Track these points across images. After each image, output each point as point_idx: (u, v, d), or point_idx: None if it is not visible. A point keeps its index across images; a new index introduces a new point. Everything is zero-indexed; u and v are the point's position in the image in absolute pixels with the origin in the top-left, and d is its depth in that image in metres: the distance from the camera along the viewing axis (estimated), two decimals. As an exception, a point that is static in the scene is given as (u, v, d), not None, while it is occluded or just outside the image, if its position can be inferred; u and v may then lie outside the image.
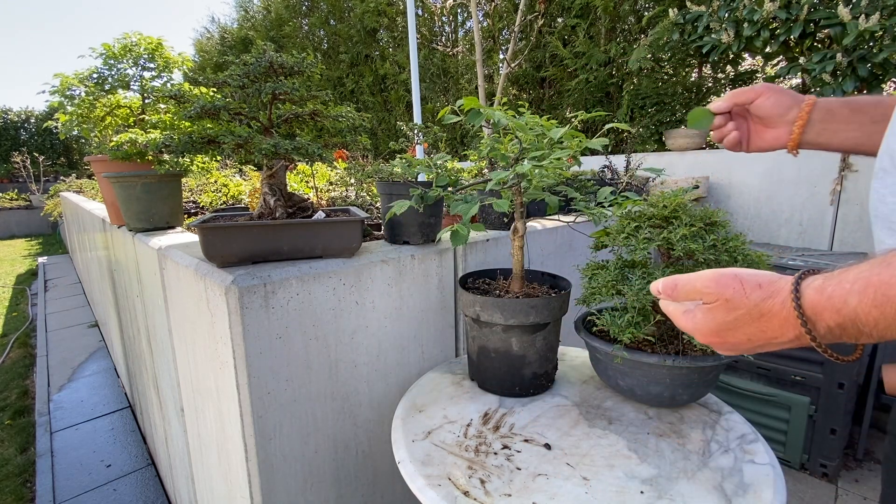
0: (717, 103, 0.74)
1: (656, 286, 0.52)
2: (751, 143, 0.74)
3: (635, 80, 3.58)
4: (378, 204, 1.75)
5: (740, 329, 0.46)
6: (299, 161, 0.98)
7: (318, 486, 0.96)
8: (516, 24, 3.14)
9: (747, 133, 0.75)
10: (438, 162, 1.05)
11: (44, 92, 1.50)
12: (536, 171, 0.80)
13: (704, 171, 2.68)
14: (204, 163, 1.46)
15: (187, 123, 1.04)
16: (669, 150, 2.94)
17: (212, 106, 0.89)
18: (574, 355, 1.11)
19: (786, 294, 0.43)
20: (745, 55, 3.04)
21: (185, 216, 1.63)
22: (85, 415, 2.66)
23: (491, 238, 1.20)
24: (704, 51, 2.70)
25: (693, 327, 0.49)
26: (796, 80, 3.10)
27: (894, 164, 0.50)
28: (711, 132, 0.77)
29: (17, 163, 11.80)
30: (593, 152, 3.07)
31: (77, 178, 7.31)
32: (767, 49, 2.53)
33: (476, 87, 4.02)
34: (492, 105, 1.10)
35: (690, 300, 0.49)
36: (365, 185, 1.84)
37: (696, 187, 2.42)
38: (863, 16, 2.05)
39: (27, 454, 2.31)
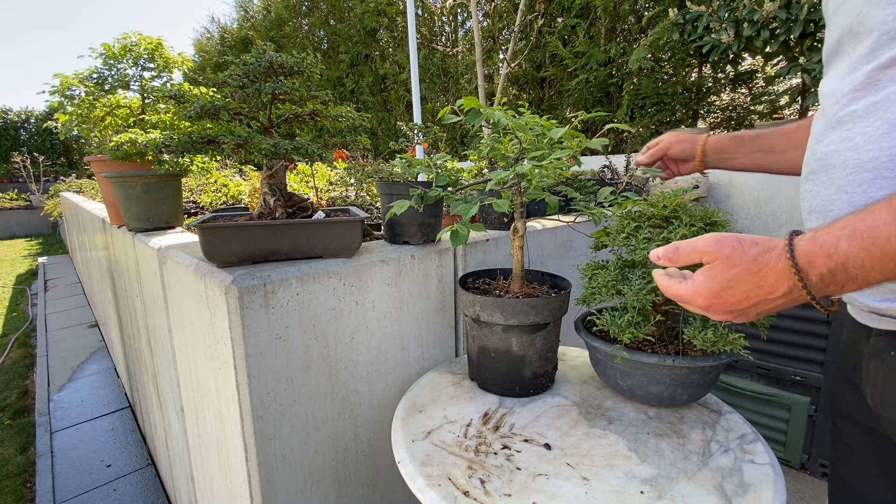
0: (640, 159, 1.00)
1: (656, 253, 0.56)
2: (679, 172, 1.00)
3: (635, 80, 3.58)
4: (378, 204, 1.75)
5: (739, 286, 0.49)
6: (299, 161, 0.98)
7: (318, 486, 0.96)
8: (516, 24, 3.14)
9: (675, 168, 1.00)
10: (438, 162, 1.05)
11: (44, 92, 1.50)
12: (536, 171, 0.80)
13: (704, 171, 2.67)
14: (204, 163, 1.46)
15: (187, 123, 1.04)
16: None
17: (212, 106, 0.89)
18: (574, 355, 1.11)
19: (780, 248, 0.48)
20: (745, 55, 3.04)
21: (185, 216, 1.63)
22: (85, 415, 2.66)
23: (491, 238, 1.20)
24: (704, 51, 2.70)
25: (692, 291, 0.52)
26: (796, 80, 3.10)
27: (822, 166, 0.57)
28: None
29: (17, 163, 11.80)
30: (593, 152, 3.07)
31: (77, 178, 7.31)
32: (767, 49, 2.53)
33: (476, 87, 4.02)
34: (492, 105, 1.10)
35: (690, 262, 0.53)
36: (365, 185, 1.84)
37: (696, 187, 2.42)
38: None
39: (27, 454, 2.32)
